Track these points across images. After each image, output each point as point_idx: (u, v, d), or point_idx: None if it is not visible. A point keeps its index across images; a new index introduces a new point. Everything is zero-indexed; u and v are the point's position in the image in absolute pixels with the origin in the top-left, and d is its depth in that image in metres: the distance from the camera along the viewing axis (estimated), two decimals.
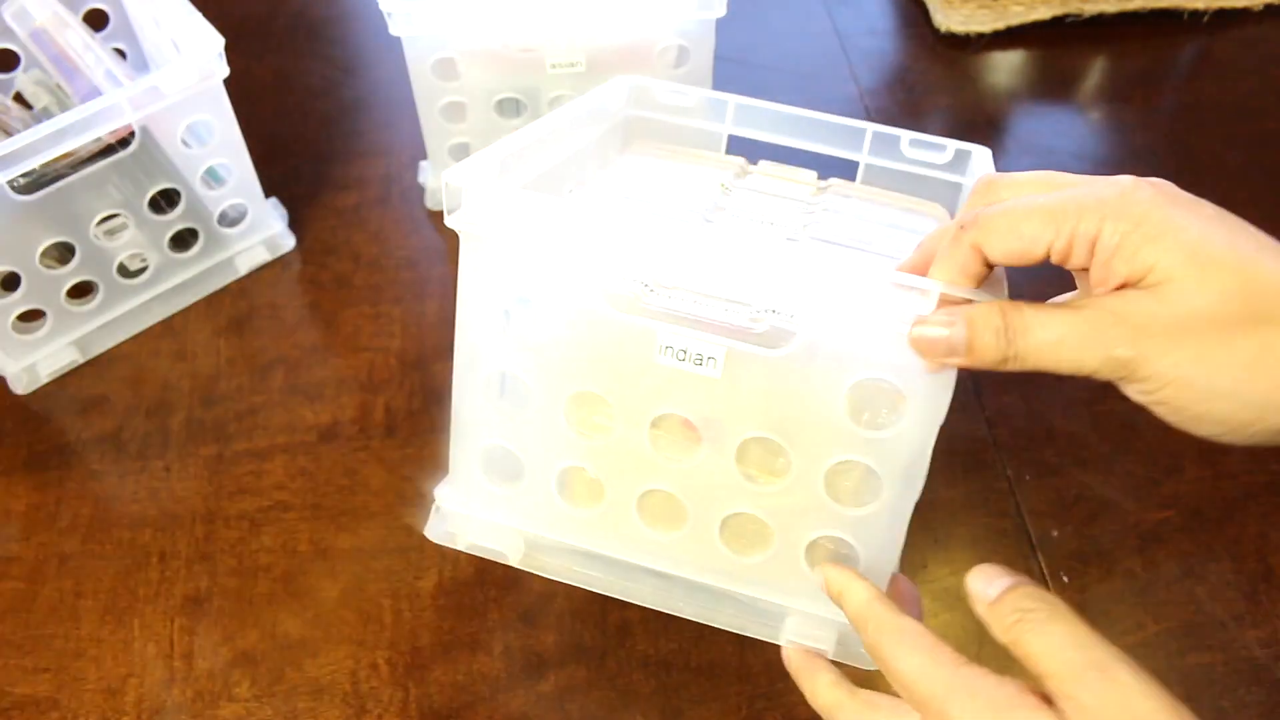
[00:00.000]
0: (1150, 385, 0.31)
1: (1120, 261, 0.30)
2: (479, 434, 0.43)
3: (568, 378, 0.40)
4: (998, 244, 0.32)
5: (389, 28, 0.63)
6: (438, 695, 0.51)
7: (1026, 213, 0.32)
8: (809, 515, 0.40)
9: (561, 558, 0.44)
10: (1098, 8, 0.86)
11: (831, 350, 0.36)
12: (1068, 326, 0.31)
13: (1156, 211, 0.30)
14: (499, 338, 0.40)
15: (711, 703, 0.51)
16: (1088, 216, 0.31)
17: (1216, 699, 0.51)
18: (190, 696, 0.51)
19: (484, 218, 0.38)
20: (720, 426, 0.39)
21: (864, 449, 0.38)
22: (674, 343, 0.37)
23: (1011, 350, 0.32)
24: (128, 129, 0.60)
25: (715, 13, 0.65)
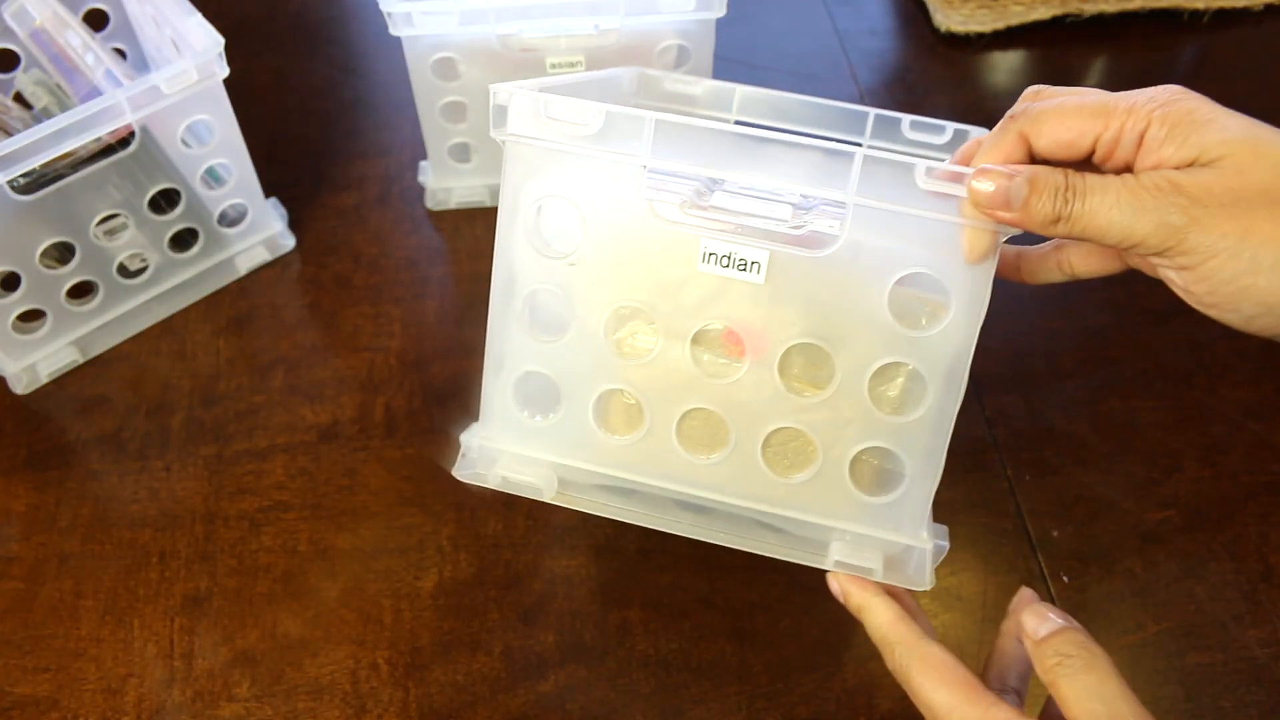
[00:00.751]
0: (1196, 257, 0.32)
1: (1171, 148, 0.32)
2: (514, 364, 0.42)
3: (610, 291, 0.39)
4: (1047, 132, 0.34)
5: (389, 28, 0.63)
6: (438, 695, 0.51)
7: (1077, 106, 0.34)
8: (853, 426, 0.39)
9: (595, 494, 0.44)
10: (1098, 8, 0.86)
11: (874, 249, 0.36)
12: (1126, 190, 0.32)
13: (1203, 107, 0.33)
14: (538, 258, 0.40)
15: (711, 703, 0.51)
16: (1137, 112, 0.33)
17: (1217, 699, 0.51)
18: (190, 696, 0.51)
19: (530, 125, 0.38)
20: (763, 337, 0.39)
21: (908, 350, 0.38)
22: (717, 249, 0.37)
23: (1068, 209, 0.33)
24: (128, 129, 0.60)
25: (715, 13, 0.65)
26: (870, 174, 0.35)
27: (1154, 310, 0.67)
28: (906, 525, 0.41)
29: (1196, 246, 0.31)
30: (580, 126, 0.37)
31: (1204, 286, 0.32)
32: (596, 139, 0.37)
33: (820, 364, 0.39)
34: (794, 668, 0.52)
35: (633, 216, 0.38)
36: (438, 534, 0.57)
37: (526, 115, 0.38)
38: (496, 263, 0.41)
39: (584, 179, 0.38)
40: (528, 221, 0.40)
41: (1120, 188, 0.33)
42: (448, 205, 0.75)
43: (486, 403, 0.44)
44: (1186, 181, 0.32)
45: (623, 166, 0.37)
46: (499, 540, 0.57)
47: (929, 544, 0.40)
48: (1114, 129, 0.33)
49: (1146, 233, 0.32)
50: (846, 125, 0.55)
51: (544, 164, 0.39)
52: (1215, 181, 0.31)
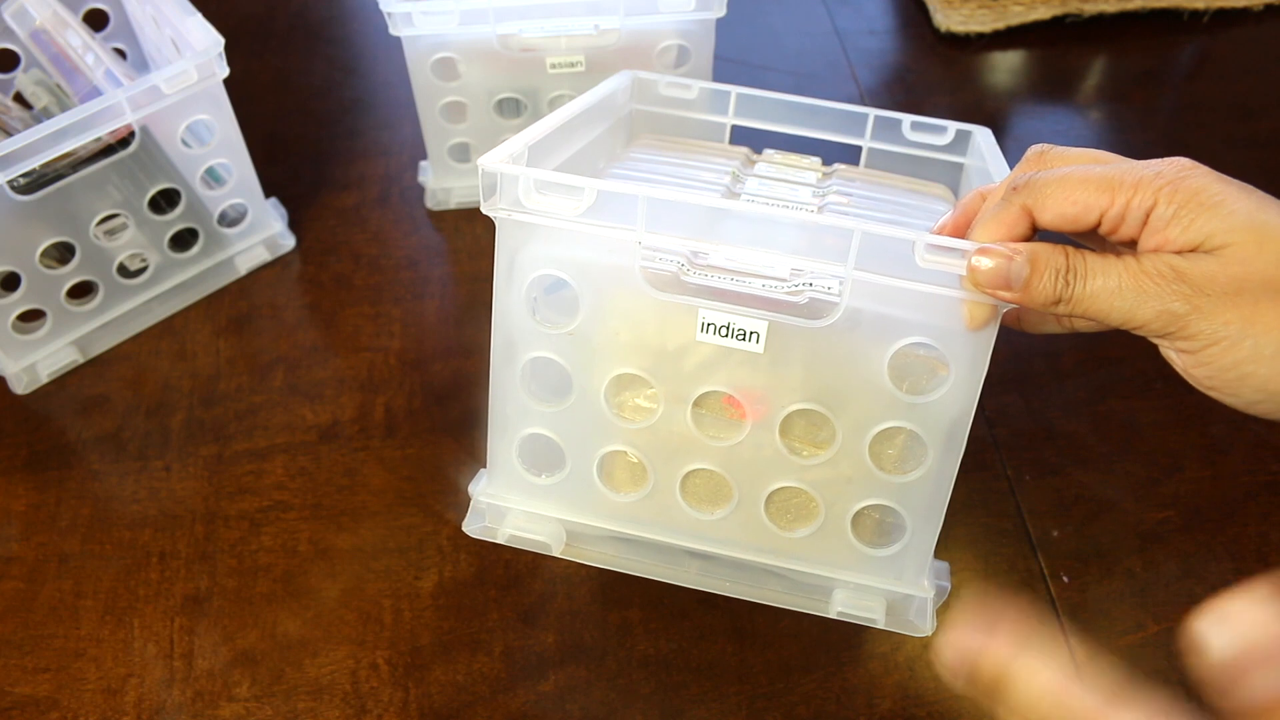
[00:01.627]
0: (1198, 343, 0.32)
1: (1177, 229, 0.32)
2: (518, 425, 0.43)
3: (609, 361, 0.40)
4: (1051, 207, 0.33)
5: (389, 28, 0.63)
6: (438, 695, 0.51)
7: (1082, 180, 0.33)
8: (854, 485, 0.40)
9: (603, 545, 0.45)
10: (1098, 8, 0.86)
11: (873, 318, 0.36)
12: (1128, 276, 0.32)
13: (1212, 186, 0.32)
14: (536, 326, 0.40)
15: (711, 703, 0.51)
16: (1144, 188, 0.32)
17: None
18: (190, 696, 0.51)
19: (520, 203, 0.38)
20: (763, 401, 0.39)
21: (908, 414, 0.38)
22: (716, 320, 0.38)
23: (1069, 291, 0.33)
24: (128, 129, 0.60)
25: (715, 13, 0.65)
26: (869, 247, 0.35)
27: None
28: (908, 574, 0.41)
29: (1198, 333, 0.31)
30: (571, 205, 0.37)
31: (1205, 371, 0.32)
32: (589, 213, 0.37)
33: (821, 425, 0.40)
34: (794, 668, 0.52)
35: (629, 288, 0.38)
36: (438, 534, 0.57)
37: (516, 191, 0.38)
38: (495, 324, 0.41)
39: (578, 251, 0.38)
40: (523, 291, 0.40)
41: (1122, 272, 0.32)
42: (448, 205, 0.75)
43: (493, 459, 0.45)
44: (1190, 269, 0.31)
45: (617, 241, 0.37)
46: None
47: (930, 592, 0.41)
48: (1120, 205, 0.33)
49: (1148, 318, 0.32)
50: (846, 127, 0.55)
51: (537, 235, 0.39)
52: (1219, 270, 0.31)
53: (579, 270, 0.39)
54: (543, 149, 0.43)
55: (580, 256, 0.38)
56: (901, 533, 0.40)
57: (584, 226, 0.37)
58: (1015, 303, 0.34)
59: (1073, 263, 0.33)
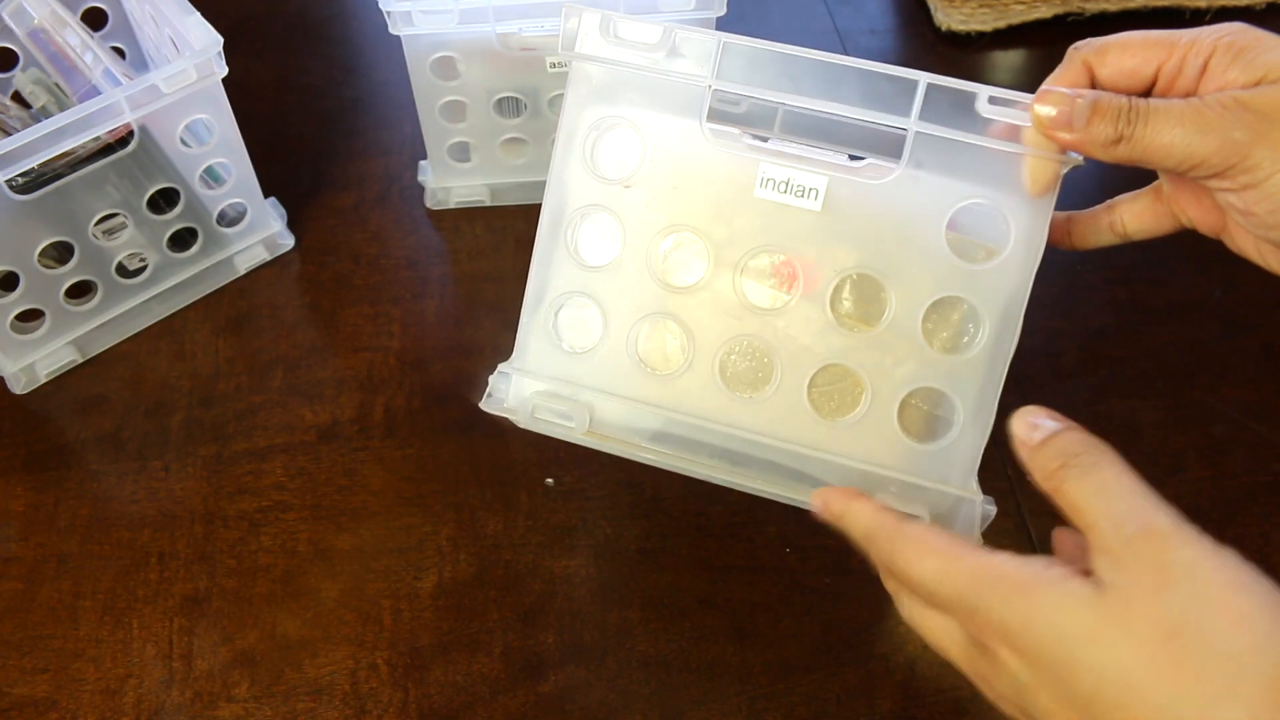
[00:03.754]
0: (1260, 174, 0.32)
1: (1237, 70, 0.32)
2: (558, 289, 0.41)
3: (664, 215, 0.39)
4: (1111, 60, 0.35)
5: (389, 27, 0.63)
6: (438, 696, 0.51)
7: (1143, 37, 0.35)
8: (904, 366, 0.38)
9: (627, 434, 0.42)
10: (1099, 6, 0.86)
11: (934, 177, 0.36)
12: (1190, 110, 0.33)
13: (1268, 35, 0.33)
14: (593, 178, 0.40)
15: (711, 703, 0.51)
16: (1201, 42, 0.34)
17: None
18: (189, 697, 0.51)
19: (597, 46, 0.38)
20: (815, 268, 0.38)
21: (964, 284, 0.37)
22: (775, 175, 0.37)
23: (1130, 130, 0.33)
24: (126, 128, 0.60)
25: (715, 12, 0.65)
26: (933, 101, 0.35)
27: (1154, 310, 0.66)
28: (956, 476, 0.39)
29: (1261, 162, 0.31)
30: (647, 48, 0.37)
31: (1267, 205, 0.32)
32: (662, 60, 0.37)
33: (872, 300, 0.38)
34: (794, 668, 0.52)
35: (692, 140, 0.38)
36: (438, 534, 0.57)
37: (594, 35, 0.38)
38: (548, 194, 0.40)
39: (646, 101, 0.38)
40: (585, 145, 0.40)
41: (1184, 107, 0.33)
42: (447, 205, 0.74)
43: (521, 338, 0.42)
44: (1252, 97, 0.32)
45: (686, 88, 0.37)
46: (499, 540, 0.56)
47: (979, 496, 0.39)
48: (1177, 58, 0.34)
49: (1210, 151, 0.32)
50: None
51: (607, 87, 0.39)
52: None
53: (644, 118, 0.39)
54: None
55: (646, 105, 0.39)
56: (950, 427, 0.38)
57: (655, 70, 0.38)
58: (1075, 146, 0.34)
59: (1134, 102, 0.33)
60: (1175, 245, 0.72)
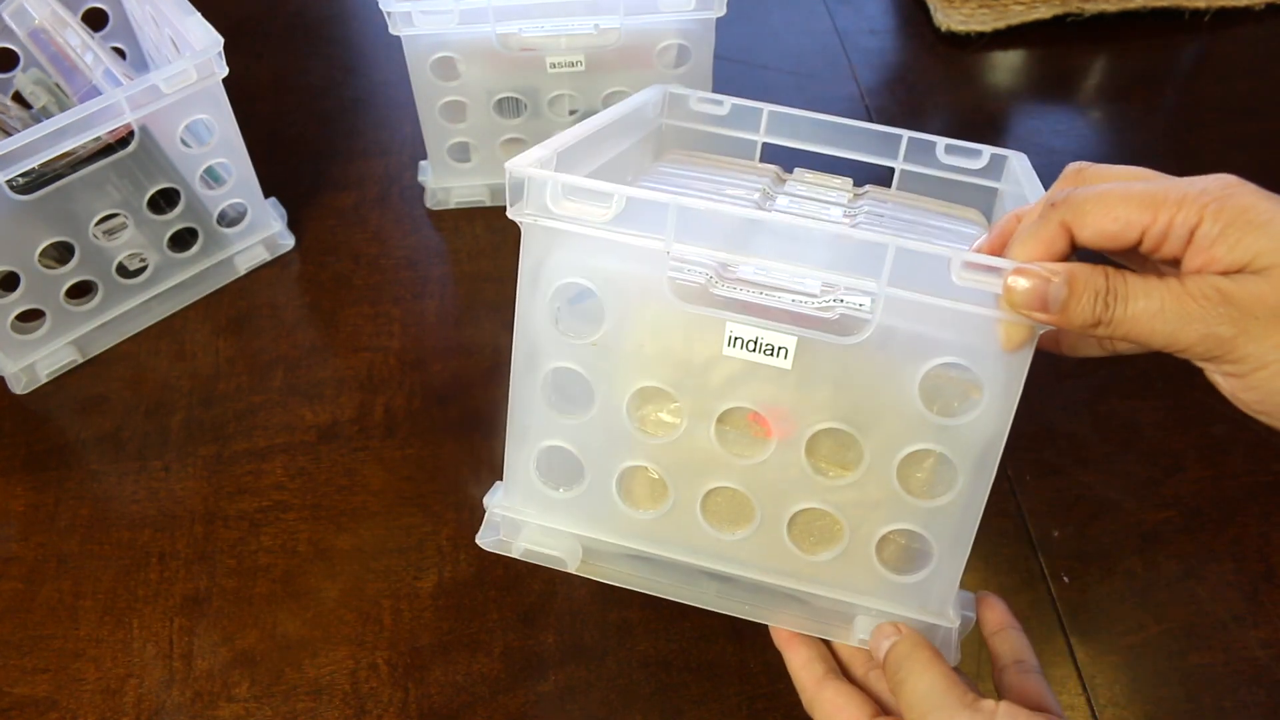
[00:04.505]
0: (1245, 366, 0.31)
1: (1223, 248, 0.30)
2: (537, 436, 0.42)
3: (633, 373, 0.39)
4: (1091, 224, 0.32)
5: (389, 27, 0.63)
6: (438, 695, 0.51)
7: (1124, 196, 0.32)
8: (881, 509, 0.39)
9: (620, 563, 0.43)
10: (1098, 7, 0.86)
11: (906, 336, 0.35)
12: (1171, 298, 0.31)
13: (1260, 204, 0.31)
14: (560, 335, 0.39)
15: (711, 703, 0.51)
16: (1189, 205, 0.31)
17: (1218, 699, 0.51)
18: (190, 697, 0.51)
19: (548, 208, 0.37)
20: (790, 419, 0.38)
21: (938, 437, 0.37)
22: (744, 334, 0.37)
23: (1109, 314, 0.32)
24: (127, 128, 0.60)
25: (715, 12, 0.65)
26: (903, 263, 0.34)
27: None
28: (933, 603, 0.40)
29: (1246, 357, 0.31)
30: (599, 212, 0.36)
31: (1254, 395, 0.32)
32: (617, 221, 0.36)
33: (848, 446, 0.39)
34: None
35: (656, 299, 0.37)
36: (438, 534, 0.57)
37: (544, 196, 0.37)
38: (518, 333, 0.40)
39: (605, 260, 0.37)
40: (548, 299, 0.39)
41: (1165, 294, 0.31)
42: (448, 205, 0.74)
43: (510, 471, 0.43)
44: (1237, 291, 0.30)
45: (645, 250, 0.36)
46: None
47: (955, 623, 0.40)
48: (1163, 223, 0.31)
49: (1192, 341, 0.31)
50: (879, 148, 0.53)
51: (564, 242, 0.38)
52: (1268, 291, 0.30)
53: (605, 279, 0.38)
54: (571, 157, 0.43)
55: (607, 265, 0.38)
56: (928, 560, 0.39)
57: (612, 234, 0.36)
58: (1053, 324, 0.33)
59: (1113, 284, 0.32)
60: None
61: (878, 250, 0.34)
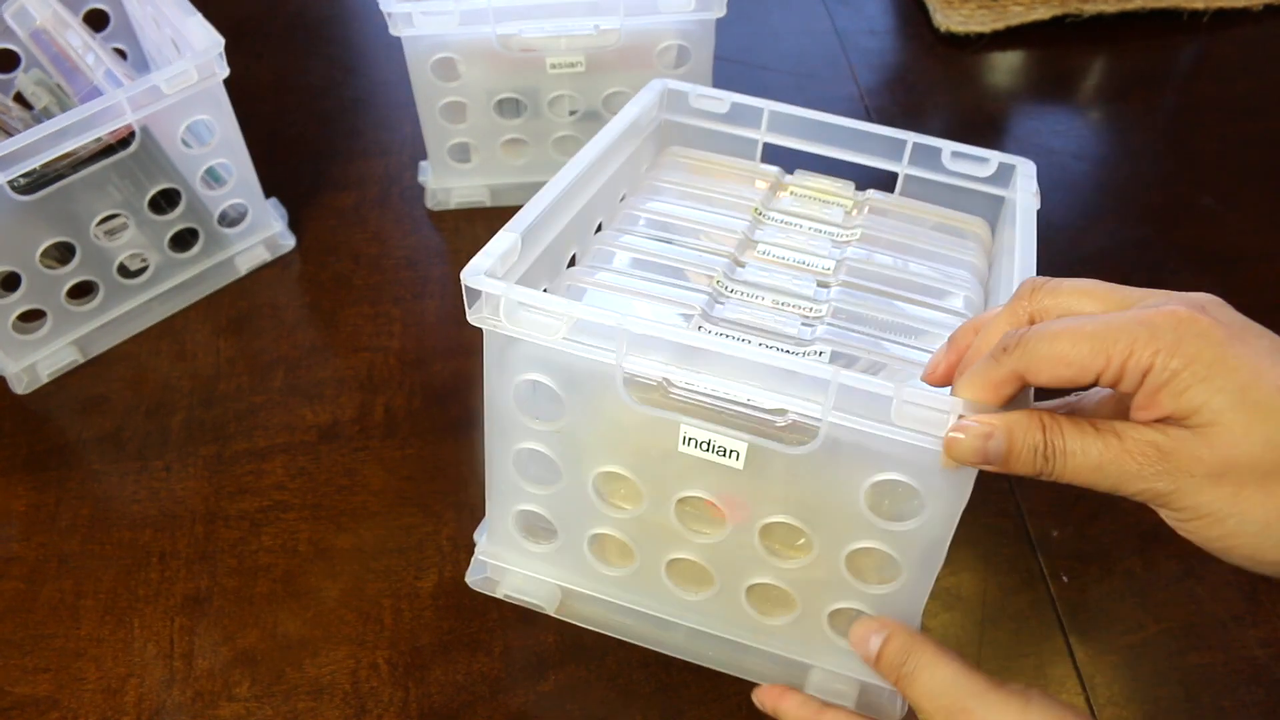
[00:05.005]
0: (1184, 515, 0.31)
1: (1168, 397, 0.30)
2: (512, 500, 0.45)
3: (595, 458, 0.41)
4: (1045, 371, 0.32)
5: (389, 28, 0.63)
6: (438, 695, 0.51)
7: (1074, 340, 0.31)
8: (830, 589, 0.41)
9: (597, 608, 0.47)
10: (1097, 8, 0.86)
11: (852, 450, 0.37)
12: (1109, 454, 0.32)
13: (1210, 349, 0.30)
14: (526, 420, 0.42)
15: (711, 703, 0.51)
16: (1140, 347, 0.30)
17: (1217, 699, 0.51)
18: (190, 696, 0.51)
19: (502, 315, 0.38)
20: (744, 508, 0.40)
21: (883, 538, 0.39)
22: (697, 435, 0.38)
23: (1049, 467, 0.33)
24: (128, 129, 0.60)
25: (715, 13, 0.65)
26: (846, 394, 0.35)
27: None
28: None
29: (1184, 509, 0.31)
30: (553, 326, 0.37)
31: (1198, 538, 0.32)
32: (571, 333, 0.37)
33: (799, 534, 0.41)
34: None
35: (613, 400, 0.38)
36: (438, 534, 0.57)
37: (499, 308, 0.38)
38: (488, 412, 0.42)
39: (562, 360, 0.39)
40: (509, 392, 0.41)
41: (1104, 449, 0.32)
42: (448, 205, 0.75)
43: (491, 522, 0.47)
44: (1175, 449, 0.31)
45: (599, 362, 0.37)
46: None
47: None
48: (1116, 365, 0.31)
49: (1132, 494, 0.32)
50: (883, 151, 0.52)
51: (522, 349, 0.39)
52: (1205, 452, 0.30)
53: (564, 378, 0.39)
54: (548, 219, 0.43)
55: (564, 366, 0.39)
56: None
57: (562, 348, 0.38)
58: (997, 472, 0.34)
59: (1050, 439, 0.32)
60: (1175, 245, 0.73)
61: (821, 384, 0.35)
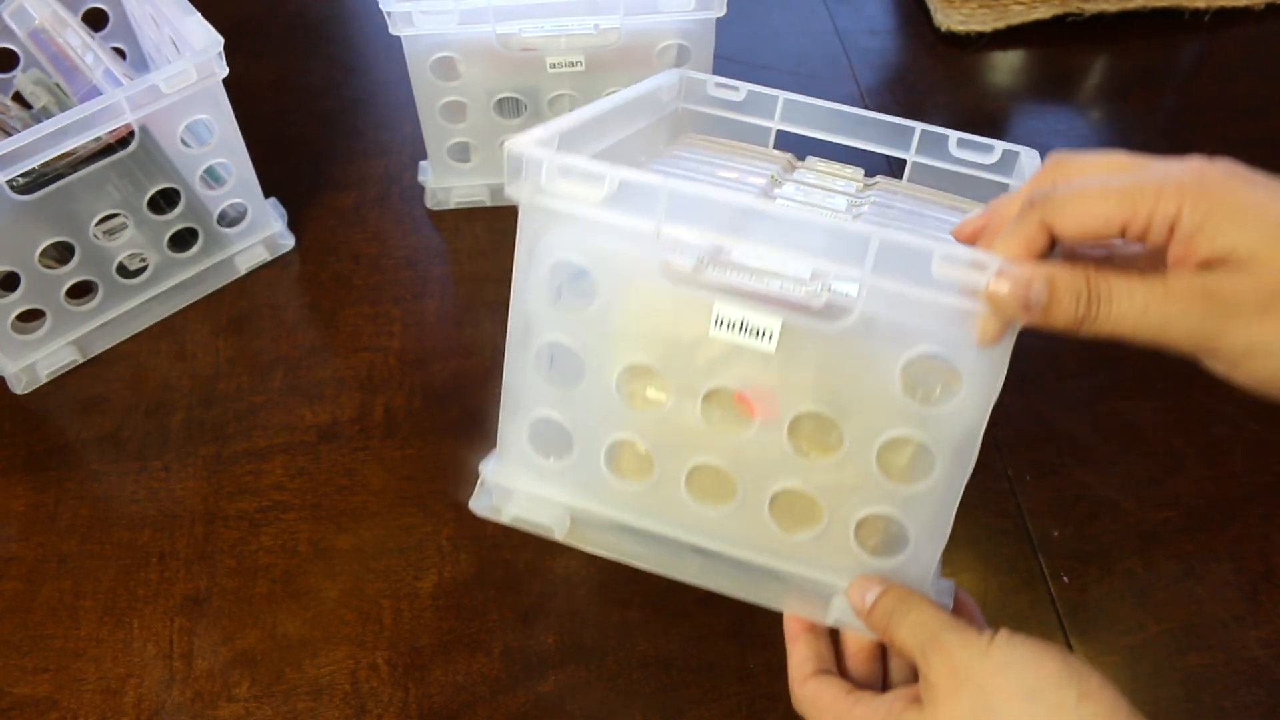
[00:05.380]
0: (1236, 356, 0.31)
1: (1203, 240, 0.31)
2: (529, 406, 0.43)
3: (622, 349, 0.40)
4: (1071, 223, 0.32)
5: (389, 27, 0.63)
6: (438, 695, 0.51)
7: (1101, 194, 0.32)
8: (860, 492, 0.39)
9: (608, 534, 0.44)
10: (1098, 7, 0.86)
11: (888, 325, 0.36)
12: (1154, 299, 0.31)
13: (1237, 192, 0.31)
14: (553, 309, 0.40)
15: (711, 703, 0.51)
16: (1166, 198, 0.31)
17: (1217, 699, 0.51)
18: (190, 697, 0.51)
19: (545, 187, 0.38)
20: (773, 400, 0.39)
21: (918, 425, 0.37)
22: (730, 315, 0.37)
23: (1091, 314, 0.32)
24: (127, 129, 0.60)
25: (715, 12, 0.65)
26: (888, 254, 0.34)
27: None
28: (912, 584, 0.41)
29: (1232, 349, 0.31)
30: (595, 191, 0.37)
31: (1244, 380, 0.32)
32: (611, 203, 0.37)
33: (829, 429, 0.39)
34: None
35: (646, 279, 0.38)
36: (438, 534, 0.57)
37: (540, 176, 0.37)
38: (513, 308, 0.41)
39: (599, 239, 0.38)
40: (542, 275, 0.40)
41: (1148, 295, 0.31)
42: (448, 205, 0.75)
43: (503, 440, 0.44)
44: (1219, 286, 0.30)
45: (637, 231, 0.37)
46: (499, 540, 0.57)
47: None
48: (1143, 217, 0.31)
49: (1178, 339, 0.31)
50: (891, 139, 0.54)
51: (559, 220, 0.38)
52: (1250, 285, 0.30)
53: (598, 258, 0.38)
54: (577, 138, 0.43)
55: (600, 244, 0.38)
56: (905, 545, 0.40)
57: (604, 215, 0.37)
58: (1035, 325, 0.33)
59: (1094, 286, 0.32)
60: None
61: (863, 240, 0.34)
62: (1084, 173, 0.35)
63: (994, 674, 0.34)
